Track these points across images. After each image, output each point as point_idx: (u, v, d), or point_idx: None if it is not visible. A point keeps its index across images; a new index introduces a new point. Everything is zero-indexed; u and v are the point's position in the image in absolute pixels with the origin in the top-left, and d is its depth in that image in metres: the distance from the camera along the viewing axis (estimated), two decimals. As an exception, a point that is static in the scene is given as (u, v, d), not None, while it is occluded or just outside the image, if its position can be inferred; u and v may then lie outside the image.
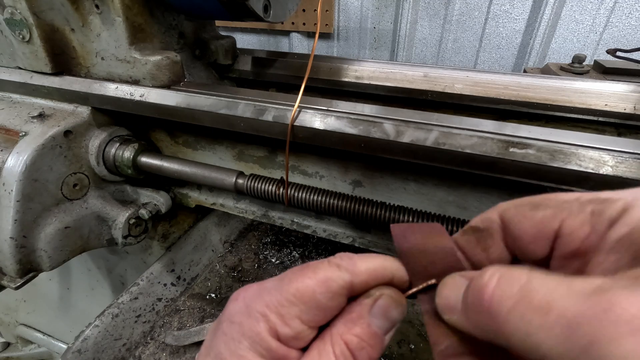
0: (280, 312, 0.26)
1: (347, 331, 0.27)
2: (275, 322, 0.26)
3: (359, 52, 2.32)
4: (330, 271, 0.28)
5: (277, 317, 0.26)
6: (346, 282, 0.27)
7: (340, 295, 0.27)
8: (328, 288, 0.27)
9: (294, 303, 0.26)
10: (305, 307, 0.26)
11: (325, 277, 0.27)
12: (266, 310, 0.27)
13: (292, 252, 1.05)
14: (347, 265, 0.28)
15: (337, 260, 0.29)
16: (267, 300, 0.27)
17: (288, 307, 0.26)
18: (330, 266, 0.28)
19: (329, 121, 0.56)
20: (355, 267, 0.28)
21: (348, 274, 0.28)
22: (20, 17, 0.65)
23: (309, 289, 0.27)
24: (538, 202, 0.26)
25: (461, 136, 0.50)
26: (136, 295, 0.84)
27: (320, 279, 0.27)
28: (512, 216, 0.27)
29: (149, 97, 0.66)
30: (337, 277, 0.27)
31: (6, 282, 0.68)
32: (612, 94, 0.67)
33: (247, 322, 0.27)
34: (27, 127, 0.69)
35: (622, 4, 1.76)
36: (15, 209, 0.65)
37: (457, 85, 0.74)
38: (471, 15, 1.99)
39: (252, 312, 0.27)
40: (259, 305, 0.27)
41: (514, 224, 0.27)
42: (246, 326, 0.27)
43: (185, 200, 0.87)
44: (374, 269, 0.29)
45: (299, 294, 0.27)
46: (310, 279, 0.27)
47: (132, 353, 0.79)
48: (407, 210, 0.60)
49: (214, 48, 0.85)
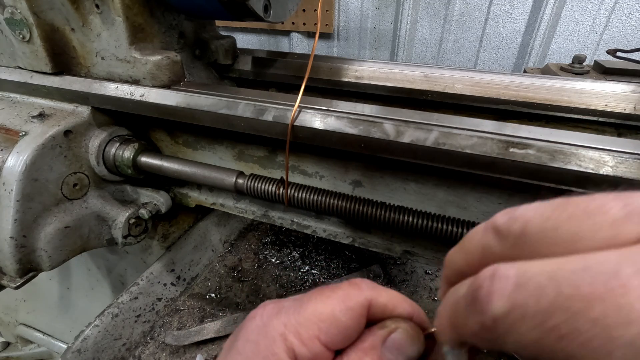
0: (299, 332, 0.26)
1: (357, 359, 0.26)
2: (293, 342, 0.26)
3: (359, 52, 2.32)
4: (349, 289, 0.27)
5: (295, 337, 0.26)
6: (366, 300, 0.27)
7: (359, 315, 0.27)
8: (347, 306, 0.26)
9: (313, 322, 0.26)
10: (324, 325, 0.26)
11: (344, 295, 0.27)
12: (284, 329, 0.26)
13: (292, 252, 1.05)
14: (367, 287, 0.28)
15: (358, 281, 0.28)
16: (286, 320, 0.27)
17: (307, 327, 0.26)
18: (350, 285, 0.28)
19: (329, 121, 0.56)
20: (376, 290, 0.28)
21: (368, 292, 0.27)
22: (21, 17, 0.65)
23: (328, 308, 0.26)
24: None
25: (461, 136, 0.50)
26: (136, 295, 0.84)
27: (339, 296, 0.27)
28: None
29: (149, 97, 0.66)
30: (356, 295, 0.27)
31: (6, 281, 0.68)
32: (612, 94, 0.67)
33: (263, 342, 0.26)
34: (27, 126, 0.69)
35: (622, 4, 1.76)
36: (15, 209, 0.65)
37: (457, 86, 0.74)
38: (471, 15, 1.99)
39: (269, 331, 0.27)
40: (277, 324, 0.27)
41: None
42: (262, 345, 0.26)
43: (185, 200, 0.87)
44: (396, 296, 0.28)
45: (318, 312, 0.26)
46: (329, 297, 0.27)
47: (132, 353, 0.79)
48: (407, 210, 0.60)
49: (214, 48, 0.85)
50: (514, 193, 0.58)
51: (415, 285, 0.95)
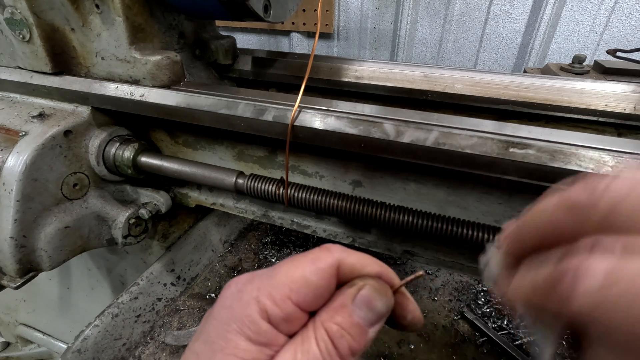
0: (271, 293, 0.27)
1: (329, 319, 0.27)
2: (266, 303, 0.27)
3: (359, 52, 2.32)
4: (319, 252, 0.29)
5: (268, 298, 0.27)
6: (334, 260, 0.28)
7: (329, 276, 0.28)
8: (317, 267, 0.28)
9: (285, 283, 0.27)
10: (296, 286, 0.27)
11: (314, 257, 0.28)
12: (257, 292, 0.27)
13: (292, 252, 1.05)
14: (336, 249, 0.29)
15: (329, 245, 0.30)
16: (259, 284, 0.28)
17: (279, 288, 0.27)
18: (320, 249, 0.29)
19: (329, 121, 0.56)
20: (345, 252, 0.29)
21: (337, 254, 0.29)
22: (21, 17, 0.65)
23: (299, 270, 0.28)
24: None
25: (461, 136, 0.50)
26: (136, 295, 0.84)
27: (309, 259, 0.28)
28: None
29: (149, 97, 0.66)
30: (325, 256, 0.28)
31: (6, 281, 0.68)
32: (612, 94, 0.67)
33: (237, 305, 0.27)
34: (27, 126, 0.69)
35: (622, 4, 1.76)
36: (15, 209, 0.65)
37: (457, 86, 0.74)
38: (471, 15, 1.99)
39: (243, 296, 0.28)
40: (250, 289, 0.28)
41: None
42: (237, 309, 0.27)
43: (185, 200, 0.87)
44: (364, 257, 0.30)
45: (289, 274, 0.27)
46: (299, 261, 0.28)
47: (132, 353, 0.79)
48: (407, 210, 0.60)
49: (214, 48, 0.85)
50: (514, 193, 0.58)
51: (415, 285, 0.95)
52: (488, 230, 0.56)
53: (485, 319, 0.85)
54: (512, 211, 0.59)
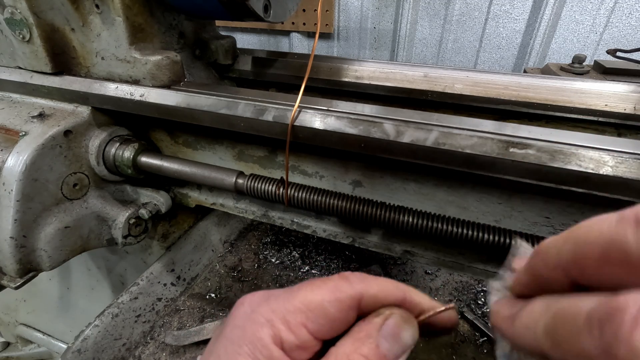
0: (287, 319, 0.26)
1: (354, 350, 0.25)
2: (280, 329, 0.26)
3: (359, 52, 2.32)
4: (340, 282, 0.27)
5: (283, 323, 0.26)
6: (356, 293, 0.27)
7: (348, 308, 0.27)
8: (337, 297, 0.26)
9: (302, 310, 0.26)
10: (313, 314, 0.26)
11: (334, 287, 0.27)
12: (272, 315, 0.26)
13: (292, 252, 1.05)
14: (357, 279, 0.28)
15: (348, 274, 0.28)
16: (274, 306, 0.27)
17: (295, 314, 0.26)
18: (340, 278, 0.28)
19: (329, 121, 0.56)
20: (366, 282, 0.28)
21: (358, 286, 0.27)
22: (21, 17, 0.65)
23: (318, 297, 0.26)
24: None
25: (461, 136, 0.50)
26: (136, 295, 0.84)
27: (329, 287, 0.27)
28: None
29: (149, 97, 0.66)
30: (346, 288, 0.27)
31: (6, 281, 0.68)
32: (612, 94, 0.67)
33: (250, 327, 0.26)
34: (27, 126, 0.69)
35: (622, 4, 1.76)
36: (15, 209, 0.65)
37: (457, 86, 0.74)
38: (471, 15, 1.99)
39: (257, 317, 0.27)
40: (264, 311, 0.27)
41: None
42: (249, 331, 0.26)
43: (185, 200, 0.87)
44: (386, 284, 0.28)
45: (307, 301, 0.26)
46: (319, 288, 0.27)
47: (132, 353, 0.79)
48: (407, 210, 0.60)
49: (214, 48, 0.85)
50: (514, 193, 0.58)
51: (415, 285, 0.95)
52: (488, 230, 0.56)
53: (485, 319, 0.85)
54: (512, 211, 0.59)
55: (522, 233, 0.55)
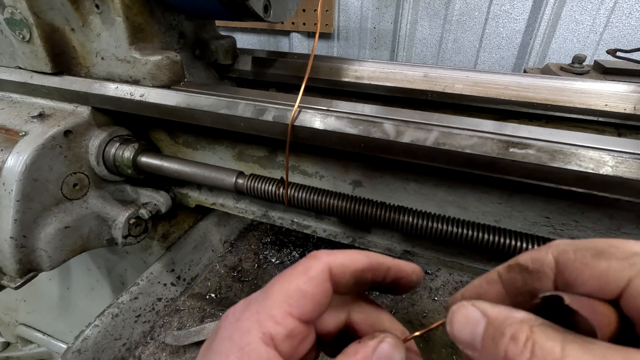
0: (272, 314, 0.27)
1: None
2: (268, 326, 0.26)
3: (359, 52, 2.32)
4: (308, 262, 0.29)
5: (270, 320, 0.26)
6: (324, 266, 0.28)
7: (323, 281, 0.28)
8: (309, 276, 0.28)
9: (282, 300, 0.27)
10: (293, 300, 0.27)
11: (304, 269, 0.28)
12: (258, 316, 0.27)
13: (292, 252, 1.05)
14: (324, 254, 0.29)
15: (314, 252, 0.30)
16: (257, 308, 0.28)
17: (278, 307, 0.27)
18: (307, 259, 0.29)
19: (329, 121, 0.56)
20: (332, 254, 0.29)
21: (325, 259, 0.29)
22: (21, 17, 0.65)
23: (292, 283, 0.28)
24: (602, 249, 0.22)
25: (461, 136, 0.50)
26: (136, 295, 0.84)
27: (300, 271, 0.28)
28: (570, 262, 0.23)
29: (149, 97, 0.66)
30: (314, 264, 0.28)
31: (6, 282, 0.68)
32: (612, 94, 0.67)
33: (236, 335, 0.27)
34: (27, 127, 0.69)
35: (622, 4, 1.76)
36: (15, 209, 0.65)
37: (457, 86, 0.74)
38: (471, 15, 1.99)
39: (242, 324, 0.27)
40: (249, 315, 0.27)
41: (571, 271, 0.23)
42: (236, 339, 0.27)
43: (185, 200, 0.87)
44: (351, 253, 0.30)
45: (284, 290, 0.27)
46: (291, 275, 0.28)
47: (132, 353, 0.79)
48: (407, 210, 0.60)
49: (214, 48, 0.85)
50: (514, 193, 0.58)
51: (415, 285, 0.95)
52: (488, 230, 0.56)
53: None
54: (512, 211, 0.60)
55: (522, 233, 0.55)
